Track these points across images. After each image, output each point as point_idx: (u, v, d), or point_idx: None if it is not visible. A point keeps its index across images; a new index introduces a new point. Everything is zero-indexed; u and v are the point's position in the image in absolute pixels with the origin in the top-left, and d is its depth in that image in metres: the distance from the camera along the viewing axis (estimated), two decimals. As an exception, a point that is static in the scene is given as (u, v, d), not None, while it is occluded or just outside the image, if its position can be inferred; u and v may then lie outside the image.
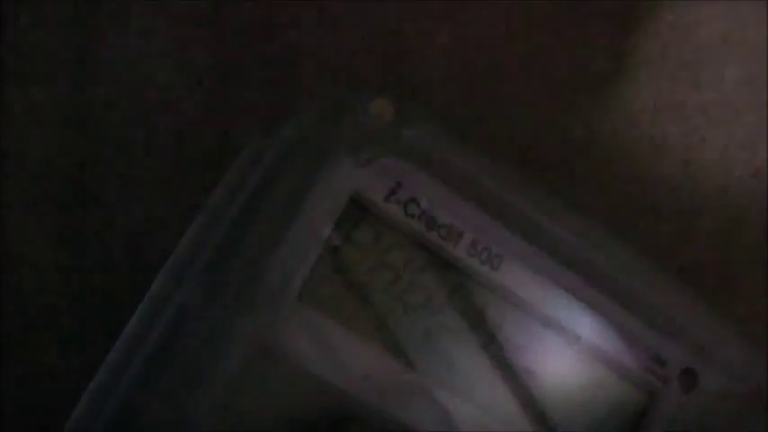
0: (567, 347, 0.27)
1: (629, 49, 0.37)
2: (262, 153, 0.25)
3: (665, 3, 0.37)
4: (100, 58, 0.34)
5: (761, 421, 0.27)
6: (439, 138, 0.25)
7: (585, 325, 0.26)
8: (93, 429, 0.23)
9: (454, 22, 0.36)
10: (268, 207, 0.23)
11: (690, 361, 0.27)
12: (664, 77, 0.37)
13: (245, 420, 0.23)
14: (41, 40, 0.34)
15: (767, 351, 0.28)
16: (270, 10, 0.35)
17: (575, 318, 0.26)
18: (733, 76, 0.37)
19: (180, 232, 0.26)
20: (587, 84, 0.37)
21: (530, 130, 0.36)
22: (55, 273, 0.33)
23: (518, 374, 0.26)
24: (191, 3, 0.34)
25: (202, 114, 0.34)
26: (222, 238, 0.23)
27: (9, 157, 0.33)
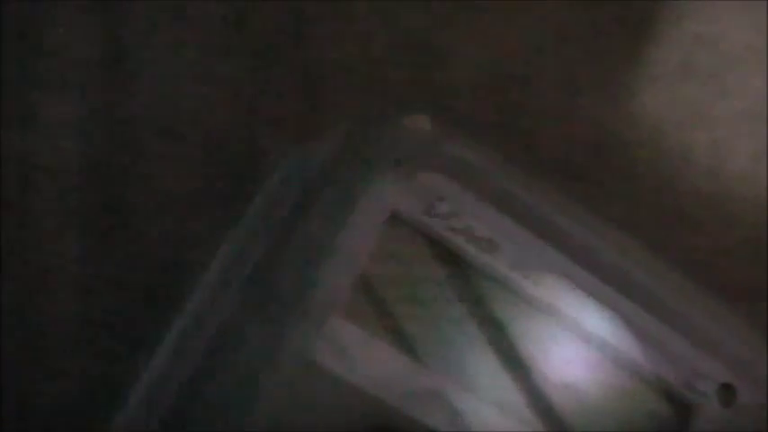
0: (604, 361, 0.27)
1: (654, 60, 0.37)
2: (299, 168, 0.25)
3: (689, 13, 0.37)
4: (130, 71, 0.34)
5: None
6: (477, 152, 0.25)
7: (622, 338, 0.26)
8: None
9: (482, 35, 0.36)
10: (310, 222, 0.23)
11: (727, 375, 0.27)
12: (690, 88, 0.37)
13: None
14: (72, 54, 0.34)
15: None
16: (299, 22, 0.35)
17: (611, 331, 0.26)
18: (759, 84, 0.37)
19: (209, 244, 0.26)
20: (614, 95, 0.37)
21: (556, 142, 0.36)
22: (87, 285, 0.33)
23: (555, 389, 0.26)
24: (220, 15, 0.35)
25: (232, 126, 0.34)
26: (264, 253, 0.23)
27: (40, 170, 0.33)
